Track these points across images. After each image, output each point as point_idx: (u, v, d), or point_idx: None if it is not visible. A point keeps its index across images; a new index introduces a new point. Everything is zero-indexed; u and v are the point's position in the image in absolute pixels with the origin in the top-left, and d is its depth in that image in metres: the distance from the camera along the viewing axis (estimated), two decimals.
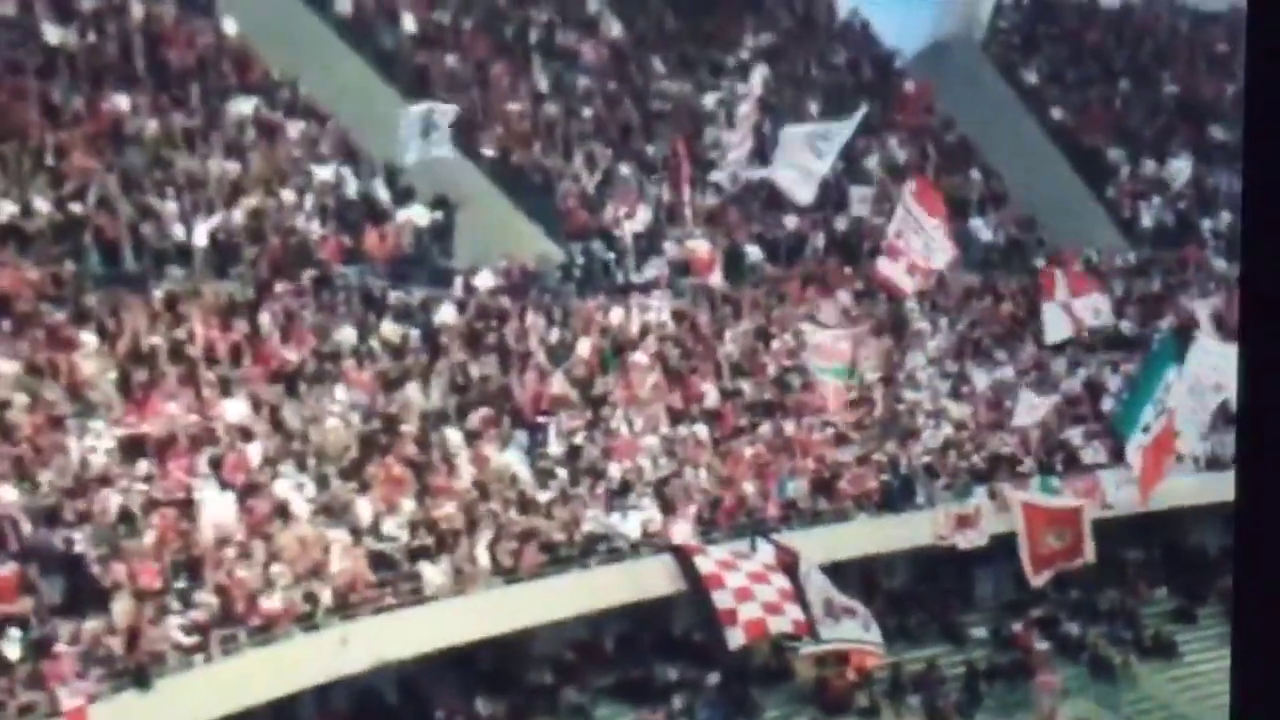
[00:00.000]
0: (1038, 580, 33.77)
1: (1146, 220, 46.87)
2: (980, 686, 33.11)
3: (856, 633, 29.39)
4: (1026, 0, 53.10)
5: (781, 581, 29.08)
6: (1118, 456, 36.70)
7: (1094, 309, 37.53)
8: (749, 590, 29.06)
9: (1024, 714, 33.18)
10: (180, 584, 24.17)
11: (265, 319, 29.00)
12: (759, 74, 37.24)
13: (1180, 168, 46.43)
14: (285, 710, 26.15)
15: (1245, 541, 3.30)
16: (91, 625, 22.66)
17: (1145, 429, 32.07)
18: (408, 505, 27.90)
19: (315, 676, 25.56)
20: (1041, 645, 34.46)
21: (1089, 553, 33.33)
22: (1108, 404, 38.55)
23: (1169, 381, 31.84)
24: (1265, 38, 3.24)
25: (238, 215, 30.15)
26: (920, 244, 32.19)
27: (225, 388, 27.56)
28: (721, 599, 29.03)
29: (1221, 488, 37.21)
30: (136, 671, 22.75)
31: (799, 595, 28.93)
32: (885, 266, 34.02)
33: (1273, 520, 3.24)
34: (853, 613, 29.63)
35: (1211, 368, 34.18)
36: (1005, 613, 34.92)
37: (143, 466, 25.33)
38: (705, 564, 29.51)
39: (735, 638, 28.94)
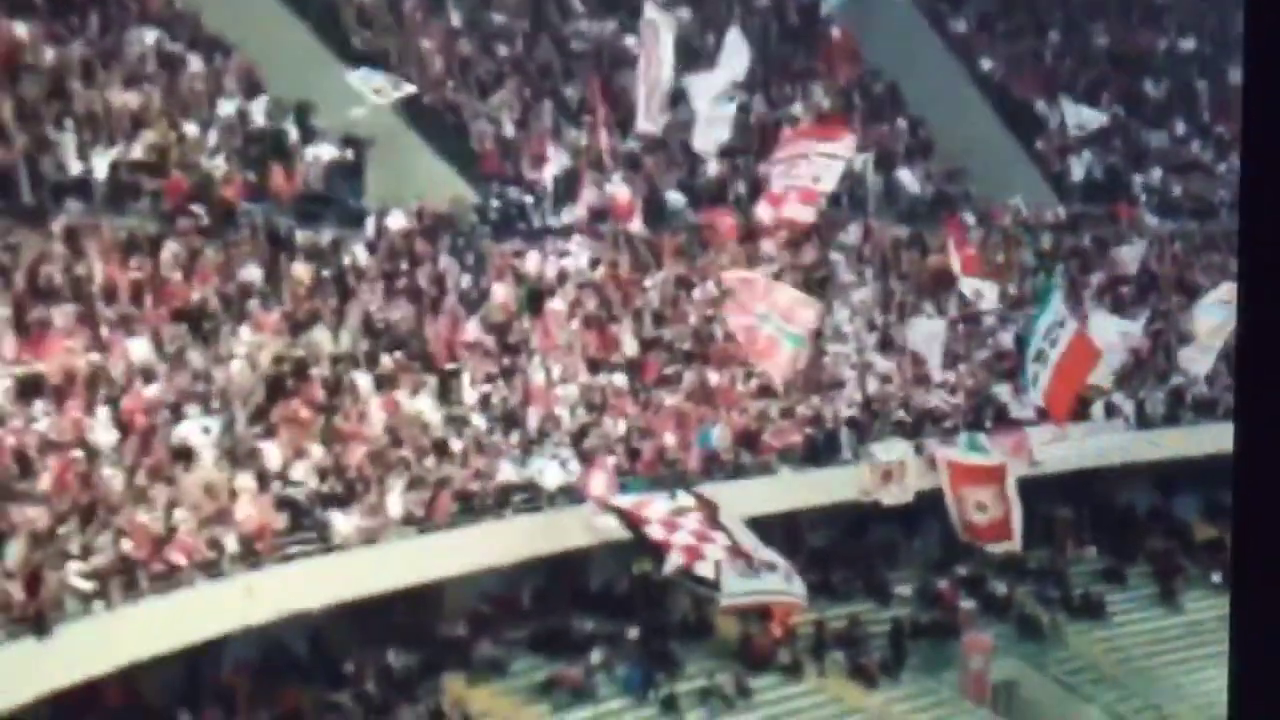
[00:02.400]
0: (966, 538, 34.13)
1: (1077, 174, 47.26)
2: (905, 644, 33.48)
3: (779, 584, 29.57)
4: None
5: (699, 522, 29.05)
6: (1046, 412, 37.17)
7: (976, 291, 38.09)
8: (674, 523, 29.03)
9: (950, 672, 33.60)
10: (79, 529, 24.03)
11: (167, 256, 28.83)
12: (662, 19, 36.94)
13: (1091, 116, 46.85)
14: (191, 661, 26.14)
15: (1243, 528, 3.36)
16: None
17: (1038, 357, 32.38)
18: (316, 451, 27.87)
19: (220, 626, 25.52)
20: (968, 604, 34.84)
21: (1016, 536, 33.57)
22: None
23: (1058, 313, 32.44)
24: (1265, 38, 3.30)
25: (138, 149, 29.91)
26: (809, 172, 32.60)
27: (126, 326, 27.41)
28: (652, 531, 28.97)
29: (1150, 447, 37.87)
30: (35, 618, 22.63)
31: (720, 534, 29.06)
32: (768, 213, 34.54)
33: (1270, 510, 3.30)
34: (773, 566, 29.81)
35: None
36: (931, 570, 35.30)
37: (38, 407, 25.17)
38: (623, 503, 29.53)
39: (674, 560, 28.76)
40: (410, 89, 34.19)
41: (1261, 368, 3.31)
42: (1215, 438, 37.17)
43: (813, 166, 33.51)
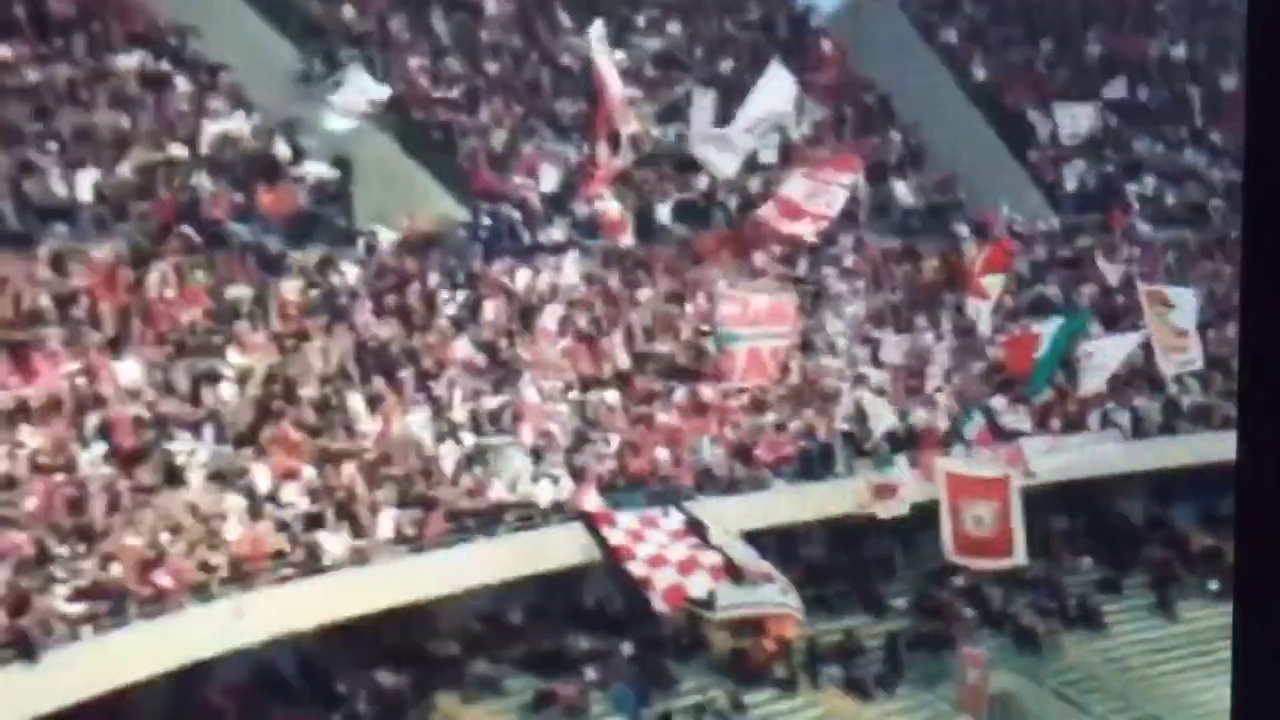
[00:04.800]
0: (957, 558, 33.92)
1: (1070, 184, 47.23)
2: (901, 657, 33.40)
3: (775, 596, 29.53)
4: None
5: (693, 544, 29.10)
6: (1041, 424, 37.14)
7: (976, 310, 38.04)
8: (662, 557, 29.11)
9: (947, 684, 33.48)
10: (67, 552, 23.97)
11: (155, 278, 28.78)
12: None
13: (1083, 113, 46.84)
14: (182, 684, 26.05)
15: (1247, 533, 3.34)
16: None
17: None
18: (306, 472, 27.81)
19: (210, 649, 25.42)
20: (965, 615, 34.74)
21: (1018, 551, 33.47)
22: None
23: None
24: (1265, 38, 3.29)
25: (125, 170, 29.89)
26: (825, 200, 32.66)
27: (114, 349, 27.37)
28: (635, 569, 29.11)
29: (1146, 456, 37.82)
30: (22, 644, 22.56)
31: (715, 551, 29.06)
32: (779, 222, 34.44)
33: (1273, 515, 3.29)
34: (770, 578, 29.75)
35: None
36: (927, 582, 35.17)
37: (25, 430, 25.13)
38: (614, 535, 29.55)
39: (657, 602, 28.95)
40: (386, 92, 34.00)
41: (1264, 374, 3.28)
42: (1211, 446, 37.22)
43: (829, 195, 33.59)
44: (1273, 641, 3.28)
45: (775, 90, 34.94)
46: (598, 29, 32.10)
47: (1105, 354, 35.79)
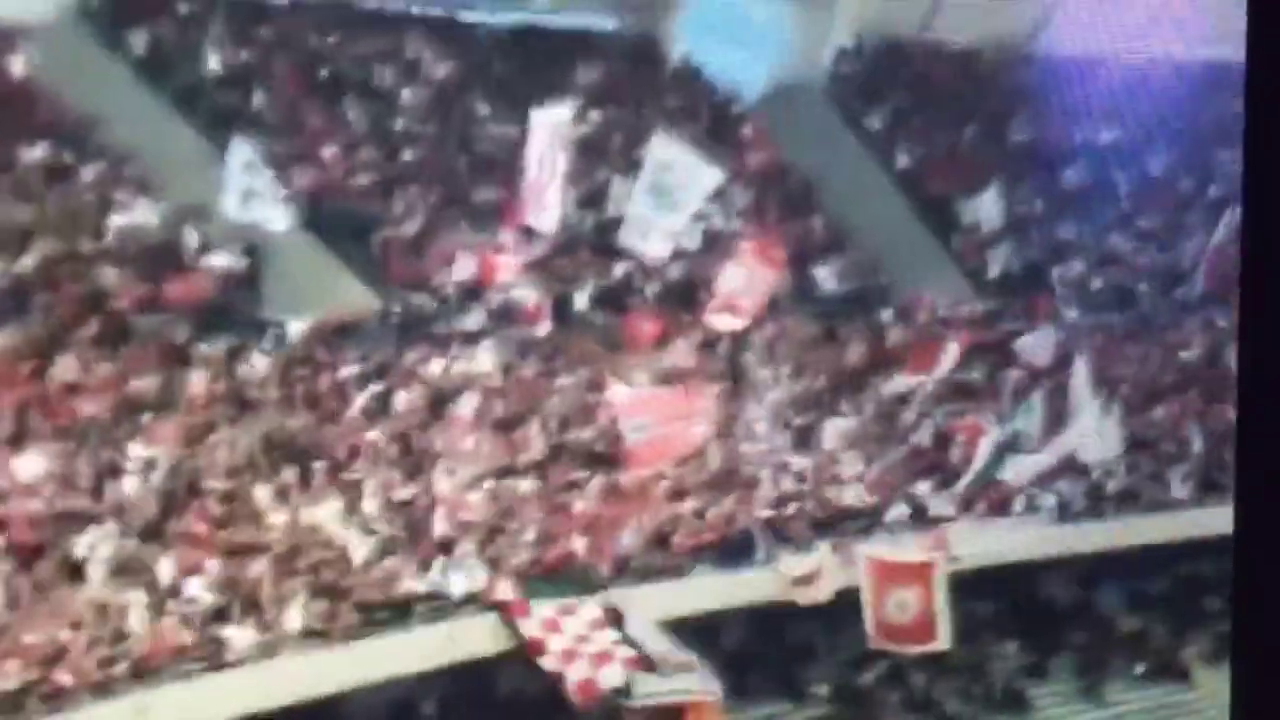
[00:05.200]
0: (879, 644, 33.95)
1: (994, 269, 47.59)
2: None
3: (694, 685, 29.50)
4: (869, 46, 53.82)
5: (609, 637, 29.15)
6: (966, 508, 37.23)
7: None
8: (574, 651, 29.15)
9: None
10: None
11: (57, 370, 28.67)
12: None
13: (984, 202, 47.44)
14: None
15: (1244, 566, 3.36)
16: None
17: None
18: (212, 565, 27.63)
19: None
20: (888, 701, 34.68)
21: (943, 636, 33.57)
22: (955, 454, 38.95)
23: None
24: (1265, 41, 3.27)
25: (27, 261, 29.84)
26: (748, 288, 33.01)
27: (14, 444, 27.23)
28: (548, 663, 29.15)
29: (1072, 540, 37.93)
30: None
31: (628, 644, 29.06)
32: (717, 320, 34.85)
33: (1271, 544, 3.28)
34: (689, 667, 29.70)
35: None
36: (849, 668, 35.10)
37: None
38: (529, 626, 29.55)
39: (573, 696, 29.07)
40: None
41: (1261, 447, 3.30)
42: (1137, 529, 37.53)
43: (760, 288, 34.04)
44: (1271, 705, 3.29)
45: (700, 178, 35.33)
46: (557, 113, 32.72)
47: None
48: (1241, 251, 3.43)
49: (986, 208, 46.90)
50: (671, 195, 35.36)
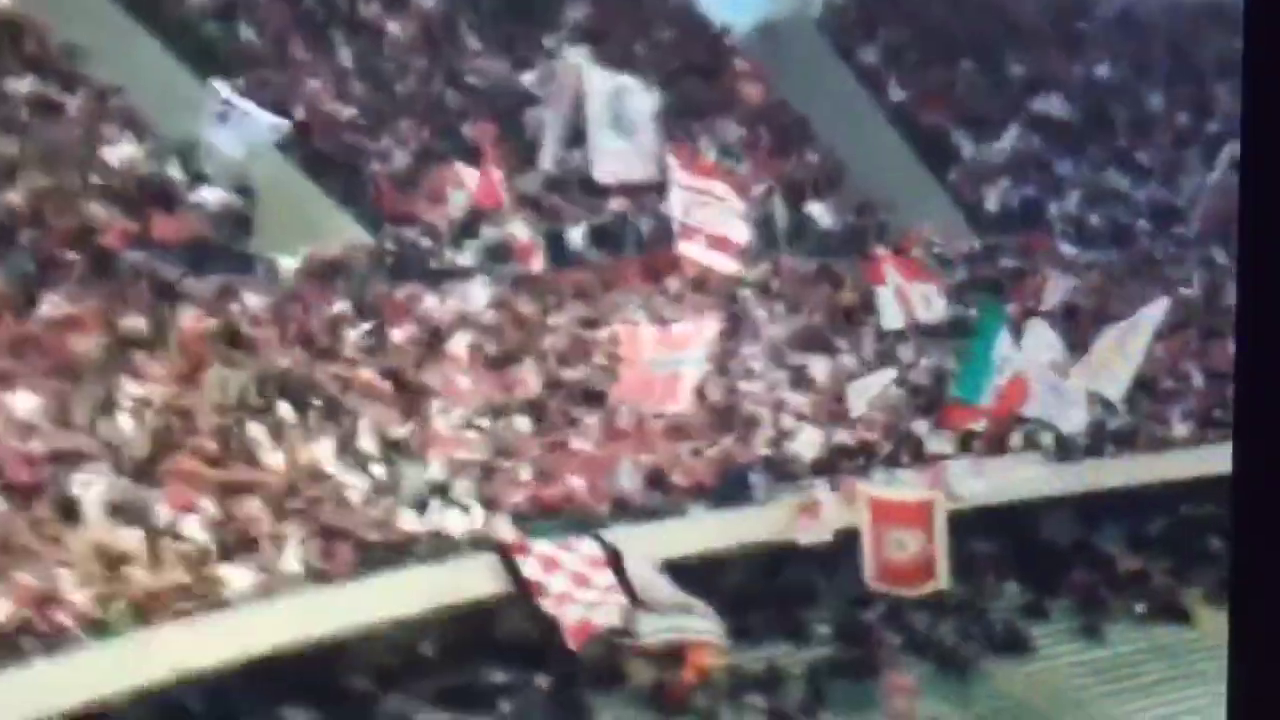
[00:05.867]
0: (877, 585, 34.22)
1: (991, 204, 47.81)
2: (825, 684, 33.59)
3: (695, 624, 29.80)
4: None
5: (605, 579, 29.44)
6: (964, 447, 37.50)
7: (924, 297, 38.41)
8: (570, 595, 29.44)
9: (873, 712, 33.69)
10: None
11: (47, 307, 28.77)
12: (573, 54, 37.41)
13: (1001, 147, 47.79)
14: None
15: (1244, 540, 3.43)
16: None
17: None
18: (208, 504, 27.80)
19: (111, 687, 25.34)
20: (888, 641, 34.99)
21: (941, 576, 33.84)
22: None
23: (1004, 350, 32.95)
24: (1265, 39, 3.36)
25: (14, 197, 29.89)
26: (714, 215, 33.09)
27: (6, 381, 27.32)
28: (545, 605, 29.45)
29: (1072, 479, 38.23)
30: None
31: (625, 589, 29.34)
32: (688, 250, 34.94)
33: (1271, 519, 3.36)
34: (687, 607, 30.00)
35: (1047, 346, 35.43)
36: (849, 608, 35.39)
37: None
38: (528, 565, 29.81)
39: (568, 641, 29.44)
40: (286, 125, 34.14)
41: (1261, 385, 3.38)
42: (1137, 469, 37.82)
43: (715, 210, 34.03)
44: (1270, 648, 3.38)
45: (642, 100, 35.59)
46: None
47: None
48: (1241, 187, 3.48)
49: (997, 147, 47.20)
50: (625, 119, 35.66)
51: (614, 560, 30.20)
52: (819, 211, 43.98)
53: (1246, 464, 3.37)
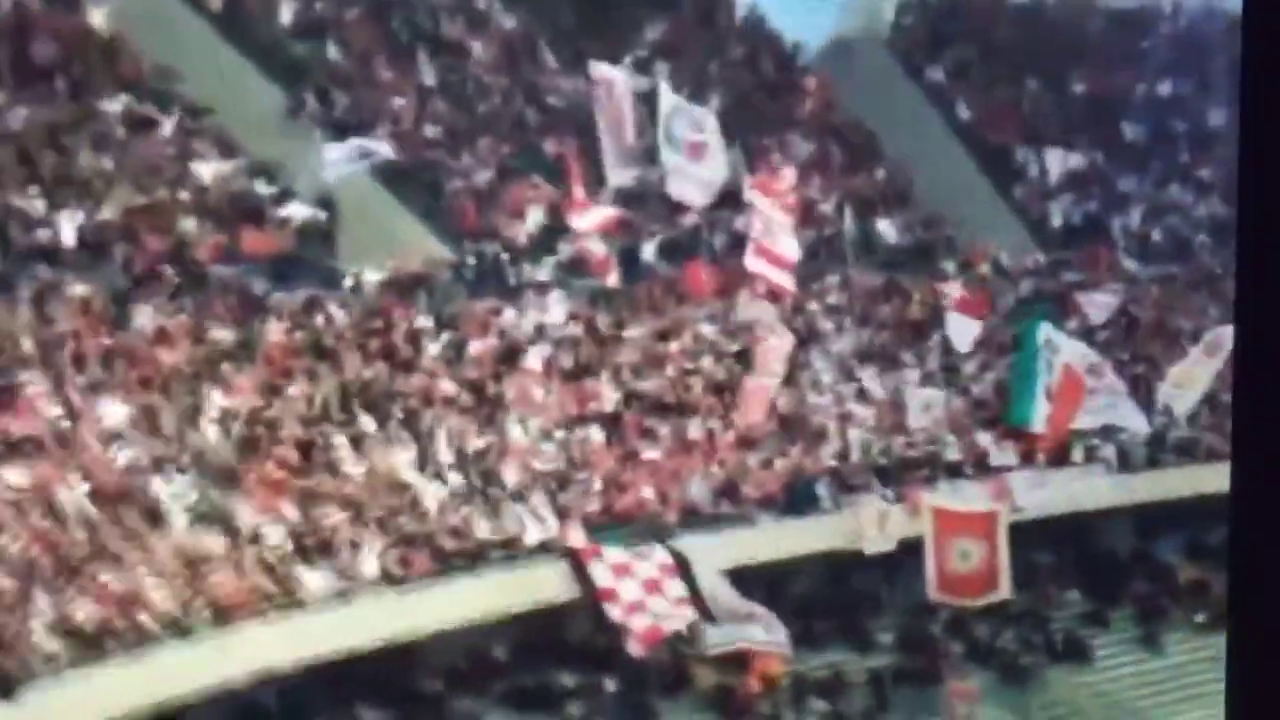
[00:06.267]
0: (938, 596, 33.85)
1: (1055, 220, 47.32)
2: (887, 692, 33.23)
3: (759, 634, 29.53)
4: None
5: (677, 589, 29.20)
6: (1028, 458, 37.07)
7: (961, 331, 38.25)
8: (642, 603, 29.23)
9: (934, 719, 33.31)
10: (48, 590, 23.87)
11: (139, 320, 28.77)
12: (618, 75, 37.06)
13: (1055, 160, 47.25)
14: None
15: (1241, 545, 3.33)
16: None
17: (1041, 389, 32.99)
18: (290, 512, 27.73)
19: (191, 686, 25.28)
20: (950, 650, 34.58)
21: (1004, 585, 33.45)
22: None
23: (1046, 355, 32.68)
24: (1263, 37, 3.26)
25: (109, 212, 29.91)
26: (777, 234, 33.06)
27: (98, 391, 27.32)
28: (614, 612, 29.24)
29: (1133, 490, 37.75)
30: (1, 681, 22.44)
31: (695, 599, 29.08)
32: (754, 265, 34.87)
33: (1269, 524, 3.26)
34: (753, 616, 29.72)
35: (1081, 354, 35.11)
36: (912, 617, 35.00)
37: (8, 472, 25.04)
38: (599, 572, 29.61)
39: (634, 648, 29.25)
40: (385, 151, 34.13)
41: (1259, 399, 3.25)
42: (1197, 479, 37.18)
43: (780, 231, 34.03)
44: (1266, 665, 3.26)
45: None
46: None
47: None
48: (1241, 187, 3.31)
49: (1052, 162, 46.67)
50: (676, 138, 35.58)
51: (682, 568, 29.94)
52: (886, 227, 43.53)
53: (1245, 474, 3.23)
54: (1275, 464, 3.22)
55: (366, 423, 29.87)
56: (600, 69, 35.41)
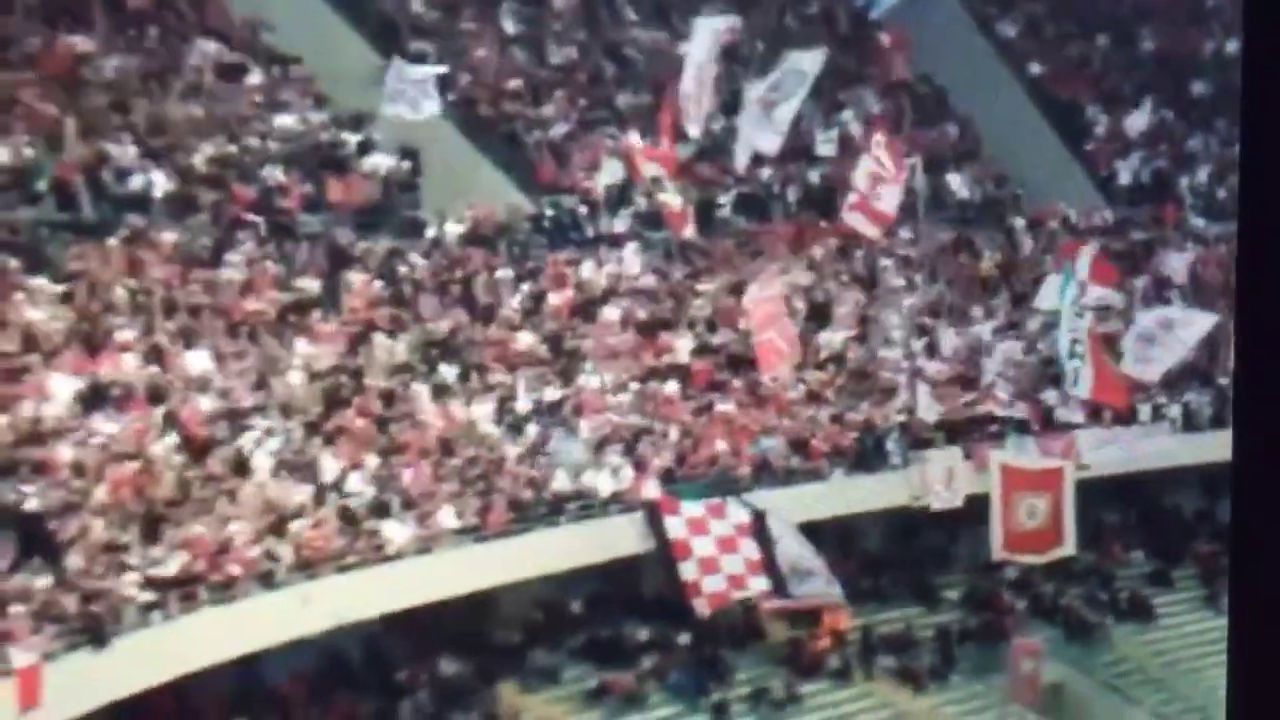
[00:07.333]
0: (1003, 554, 33.32)
1: (1124, 177, 46.48)
2: (954, 648, 32.82)
3: (819, 588, 29.17)
4: None
5: (750, 550, 28.72)
6: (1095, 415, 36.42)
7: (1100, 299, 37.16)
8: (715, 561, 28.77)
9: (998, 676, 32.89)
10: (137, 539, 23.62)
11: (226, 269, 28.41)
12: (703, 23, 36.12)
13: (1134, 122, 46.35)
14: (246, 670, 25.73)
15: (1243, 523, 3.10)
16: (44, 582, 22.09)
17: (1073, 353, 32.09)
18: (372, 461, 27.40)
19: (276, 636, 25.06)
20: (1016, 606, 34.13)
21: (1069, 541, 32.92)
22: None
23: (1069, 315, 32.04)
24: (1264, 33, 3.08)
25: (198, 161, 29.50)
26: (887, 194, 32.35)
27: (186, 339, 27.00)
28: (687, 570, 28.76)
29: (1197, 449, 37.03)
30: (92, 629, 22.22)
31: (767, 563, 28.59)
32: (853, 219, 34.17)
33: (1271, 505, 3.05)
34: (813, 572, 29.28)
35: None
36: (979, 574, 34.55)
37: (98, 419, 24.76)
38: (676, 526, 29.11)
39: (701, 607, 28.81)
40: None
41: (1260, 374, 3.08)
42: None
43: (887, 189, 33.45)
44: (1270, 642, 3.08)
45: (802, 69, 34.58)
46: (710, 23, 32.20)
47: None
48: (1241, 187, 3.18)
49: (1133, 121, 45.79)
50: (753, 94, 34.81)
51: (758, 524, 29.41)
52: (956, 182, 42.80)
53: (1245, 458, 3.08)
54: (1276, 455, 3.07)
55: (447, 373, 29.49)
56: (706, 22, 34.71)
